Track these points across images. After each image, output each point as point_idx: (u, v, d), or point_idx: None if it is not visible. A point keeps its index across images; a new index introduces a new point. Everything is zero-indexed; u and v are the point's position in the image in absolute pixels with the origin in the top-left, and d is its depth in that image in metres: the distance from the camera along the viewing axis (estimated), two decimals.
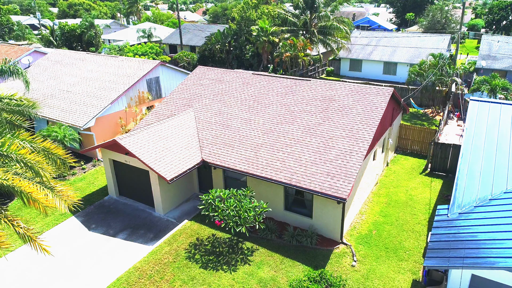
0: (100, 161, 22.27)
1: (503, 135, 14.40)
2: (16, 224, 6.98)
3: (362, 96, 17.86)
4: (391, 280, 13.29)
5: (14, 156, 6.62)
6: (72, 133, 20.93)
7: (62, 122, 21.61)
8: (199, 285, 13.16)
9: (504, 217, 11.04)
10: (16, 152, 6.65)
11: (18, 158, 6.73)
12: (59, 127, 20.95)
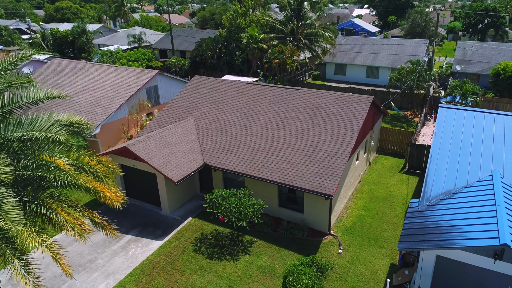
0: None
1: (466, 138, 16.70)
2: (93, 216, 8.75)
3: (346, 104, 20.02)
4: (372, 265, 15.45)
5: (86, 167, 8.37)
6: (79, 140, 22.52)
7: None
8: (206, 273, 15.07)
9: (463, 207, 13.27)
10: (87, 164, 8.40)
11: (88, 169, 8.50)
12: None
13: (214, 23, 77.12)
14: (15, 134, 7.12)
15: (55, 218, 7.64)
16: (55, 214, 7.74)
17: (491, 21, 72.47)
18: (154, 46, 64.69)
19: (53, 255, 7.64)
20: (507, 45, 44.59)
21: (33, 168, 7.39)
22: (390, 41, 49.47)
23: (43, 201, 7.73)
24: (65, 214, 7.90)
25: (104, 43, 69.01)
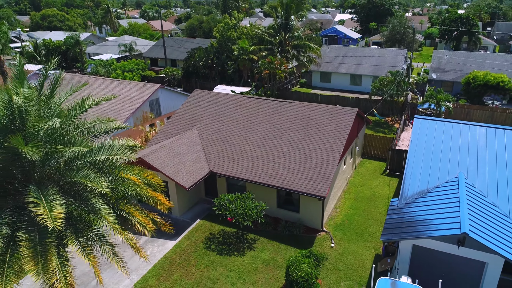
0: None
1: (437, 145, 19.48)
2: (155, 217, 10.86)
3: (334, 115, 22.65)
4: (359, 255, 18.02)
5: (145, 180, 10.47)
6: None
7: None
8: (218, 266, 17.37)
9: (433, 204, 15.96)
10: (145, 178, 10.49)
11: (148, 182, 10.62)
12: None
13: (202, 31, 79.23)
14: (101, 157, 9.19)
15: (132, 219, 9.81)
16: (132, 216, 9.90)
17: (465, 29, 76.78)
18: (145, 55, 66.39)
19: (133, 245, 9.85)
20: (477, 54, 48.33)
21: (117, 183, 9.49)
22: (372, 50, 52.66)
23: (123, 207, 9.88)
24: (139, 216, 10.07)
25: (95, 52, 70.31)
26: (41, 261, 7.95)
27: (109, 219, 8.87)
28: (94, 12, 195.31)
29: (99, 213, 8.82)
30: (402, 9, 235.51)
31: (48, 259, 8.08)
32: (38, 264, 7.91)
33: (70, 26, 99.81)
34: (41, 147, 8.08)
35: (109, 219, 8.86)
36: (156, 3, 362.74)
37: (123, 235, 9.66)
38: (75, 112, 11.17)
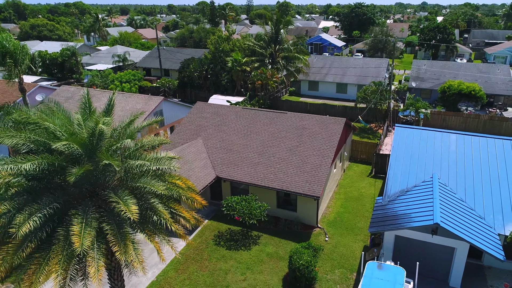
0: None
1: (415, 150, 22.45)
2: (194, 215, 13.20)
3: (325, 125, 25.48)
4: (350, 247, 20.78)
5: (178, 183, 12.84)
6: None
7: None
8: (228, 259, 19.86)
9: (412, 200, 18.84)
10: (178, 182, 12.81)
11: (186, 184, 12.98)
12: None
13: (192, 41, 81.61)
14: (154, 167, 11.54)
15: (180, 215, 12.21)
16: (179, 213, 12.29)
17: (442, 38, 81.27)
18: (139, 65, 68.42)
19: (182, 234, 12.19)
20: (453, 64, 52.18)
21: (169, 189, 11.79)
22: (356, 60, 56.01)
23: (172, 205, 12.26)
24: (186, 213, 12.47)
25: (88, 62, 71.89)
26: (122, 245, 10.29)
27: (166, 215, 11.29)
28: (80, 19, 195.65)
29: (157, 209, 11.20)
30: (383, 16, 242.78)
31: (127, 244, 10.44)
32: (121, 247, 10.24)
33: (60, 36, 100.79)
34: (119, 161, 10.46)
35: (166, 215, 11.28)
36: (141, 9, 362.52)
37: (175, 227, 12.09)
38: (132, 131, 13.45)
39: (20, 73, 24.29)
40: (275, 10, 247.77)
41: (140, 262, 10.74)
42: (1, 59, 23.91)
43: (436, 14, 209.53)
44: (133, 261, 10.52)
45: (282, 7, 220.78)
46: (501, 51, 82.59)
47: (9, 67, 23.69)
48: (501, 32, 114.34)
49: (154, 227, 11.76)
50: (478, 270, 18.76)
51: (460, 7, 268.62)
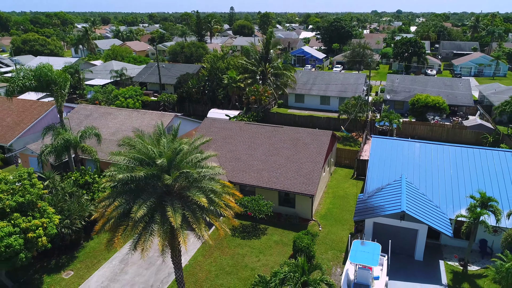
0: None
1: (387, 156, 28.15)
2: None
3: (315, 136, 30.99)
4: (339, 234, 26.20)
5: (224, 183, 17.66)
6: None
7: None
8: (243, 246, 24.93)
9: (386, 195, 24.43)
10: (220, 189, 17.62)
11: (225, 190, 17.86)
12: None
13: (184, 55, 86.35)
14: (205, 174, 16.43)
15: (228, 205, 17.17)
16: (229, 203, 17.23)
17: (413, 51, 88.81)
18: (135, 79, 72.73)
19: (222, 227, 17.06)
20: (422, 78, 59.00)
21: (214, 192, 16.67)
22: (337, 75, 62.20)
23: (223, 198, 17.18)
24: (232, 204, 17.42)
25: (85, 77, 75.53)
26: (197, 224, 15.30)
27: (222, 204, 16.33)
28: (64, 31, 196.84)
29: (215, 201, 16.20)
30: (360, 25, 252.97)
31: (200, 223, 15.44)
32: (197, 225, 15.23)
33: (51, 50, 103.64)
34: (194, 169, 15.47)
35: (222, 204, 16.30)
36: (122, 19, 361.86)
37: (226, 213, 17.11)
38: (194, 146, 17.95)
39: (64, 97, 28.74)
40: (257, 19, 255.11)
41: (208, 235, 15.81)
42: (46, 87, 28.32)
43: (409, 24, 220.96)
44: (204, 235, 15.58)
45: (264, 17, 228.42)
46: (466, 63, 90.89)
47: (55, 92, 28.10)
48: (468, 44, 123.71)
49: (212, 213, 16.71)
50: (436, 248, 24.48)
51: (431, 17, 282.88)
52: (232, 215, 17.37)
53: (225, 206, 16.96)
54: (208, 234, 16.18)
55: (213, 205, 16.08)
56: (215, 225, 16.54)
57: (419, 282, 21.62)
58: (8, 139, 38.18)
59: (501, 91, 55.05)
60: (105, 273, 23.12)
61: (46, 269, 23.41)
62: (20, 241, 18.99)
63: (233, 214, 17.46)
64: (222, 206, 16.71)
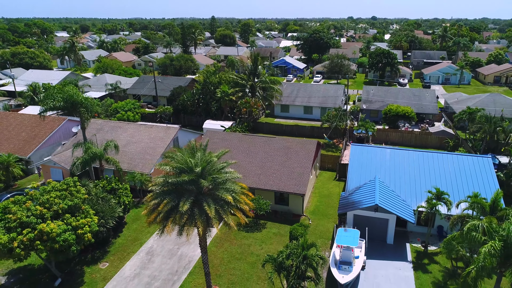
0: None
1: (364, 160, 33.95)
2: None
3: (303, 145, 36.55)
4: (325, 226, 31.75)
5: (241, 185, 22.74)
6: (143, 176, 35.94)
7: (135, 171, 36.44)
8: (248, 238, 30.10)
9: (363, 192, 30.13)
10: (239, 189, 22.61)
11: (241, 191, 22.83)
12: (134, 173, 35.80)
13: (173, 68, 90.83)
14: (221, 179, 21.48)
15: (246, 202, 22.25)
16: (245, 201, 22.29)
17: (387, 61, 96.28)
18: (129, 92, 76.78)
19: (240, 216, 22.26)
20: (394, 89, 65.77)
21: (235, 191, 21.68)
22: (318, 87, 68.35)
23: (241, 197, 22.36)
24: (248, 201, 22.54)
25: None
26: (225, 215, 20.30)
27: (242, 201, 21.48)
28: (47, 41, 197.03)
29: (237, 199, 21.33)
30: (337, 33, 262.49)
31: (228, 214, 20.48)
32: (225, 216, 20.31)
33: (41, 63, 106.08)
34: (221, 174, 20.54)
35: (242, 201, 21.44)
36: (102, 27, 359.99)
37: (244, 207, 22.22)
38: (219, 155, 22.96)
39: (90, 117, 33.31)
40: (238, 28, 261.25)
41: (233, 223, 20.95)
42: (73, 108, 32.71)
43: (383, 33, 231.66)
44: (231, 223, 20.71)
45: (245, 26, 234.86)
46: (434, 72, 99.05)
47: (82, 113, 32.55)
48: (437, 53, 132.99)
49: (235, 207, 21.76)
50: (403, 234, 30.33)
51: (404, 26, 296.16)
52: (248, 210, 22.45)
53: (244, 203, 22.05)
54: (233, 223, 21.19)
55: (235, 201, 21.19)
56: (237, 215, 21.58)
57: (390, 260, 27.33)
58: (27, 152, 42.11)
59: (462, 100, 62.42)
60: (136, 263, 27.84)
61: (84, 262, 27.93)
62: (73, 237, 23.58)
63: (249, 209, 22.57)
64: (242, 202, 21.81)
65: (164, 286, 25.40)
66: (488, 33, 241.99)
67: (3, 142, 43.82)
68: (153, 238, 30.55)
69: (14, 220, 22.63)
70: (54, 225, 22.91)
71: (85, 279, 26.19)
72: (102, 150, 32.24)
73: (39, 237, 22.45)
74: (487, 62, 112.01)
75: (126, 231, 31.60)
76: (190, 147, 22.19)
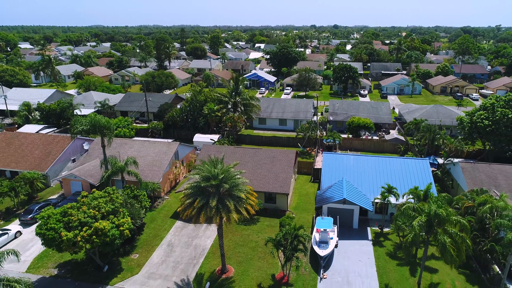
0: (165, 198, 44.83)
1: (334, 165, 43.02)
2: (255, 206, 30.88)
3: (285, 154, 45.23)
4: (306, 218, 40.45)
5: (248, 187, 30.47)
6: (154, 185, 43.12)
7: (146, 180, 43.54)
8: (246, 230, 38.19)
9: (334, 190, 39.05)
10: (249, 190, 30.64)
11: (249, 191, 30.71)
12: (146, 183, 42.90)
13: (155, 84, 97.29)
14: (235, 183, 29.16)
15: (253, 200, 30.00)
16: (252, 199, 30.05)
17: (349, 75, 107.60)
18: (117, 108, 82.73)
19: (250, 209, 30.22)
20: (356, 102, 76.15)
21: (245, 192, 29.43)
22: (291, 101, 77.70)
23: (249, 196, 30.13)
24: (255, 199, 30.34)
25: None
26: (241, 208, 28.31)
27: (251, 199, 29.43)
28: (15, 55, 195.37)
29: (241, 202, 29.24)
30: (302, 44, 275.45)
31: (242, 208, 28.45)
32: (240, 209, 28.30)
33: (21, 80, 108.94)
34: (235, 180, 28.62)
35: (251, 199, 29.40)
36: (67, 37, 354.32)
37: (252, 203, 30.18)
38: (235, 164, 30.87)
39: (112, 136, 40.23)
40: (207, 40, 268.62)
41: (246, 215, 29.01)
42: (96, 130, 39.40)
43: (345, 44, 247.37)
44: (245, 214, 28.78)
45: (214, 38, 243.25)
46: (390, 84, 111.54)
47: (107, 135, 39.37)
48: (393, 65, 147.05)
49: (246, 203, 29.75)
50: (365, 220, 39.53)
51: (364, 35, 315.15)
52: (254, 205, 30.57)
53: (251, 200, 30.20)
54: (246, 215, 29.24)
55: (246, 199, 29.33)
56: (247, 208, 29.64)
57: (356, 240, 36.31)
58: (44, 168, 48.01)
59: (412, 111, 73.78)
60: (160, 253, 35.17)
61: (119, 254, 34.92)
62: (117, 232, 30.73)
63: (255, 204, 30.69)
64: (251, 199, 29.98)
65: (188, 267, 33.01)
66: (438, 44, 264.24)
67: (19, 160, 49.43)
68: (170, 234, 37.97)
69: (75, 220, 29.58)
70: (105, 223, 30.04)
71: (123, 266, 33.29)
72: (124, 165, 39.26)
73: (95, 233, 29.50)
74: (435, 74, 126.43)
75: (146, 230, 38.79)
76: (212, 160, 30.11)
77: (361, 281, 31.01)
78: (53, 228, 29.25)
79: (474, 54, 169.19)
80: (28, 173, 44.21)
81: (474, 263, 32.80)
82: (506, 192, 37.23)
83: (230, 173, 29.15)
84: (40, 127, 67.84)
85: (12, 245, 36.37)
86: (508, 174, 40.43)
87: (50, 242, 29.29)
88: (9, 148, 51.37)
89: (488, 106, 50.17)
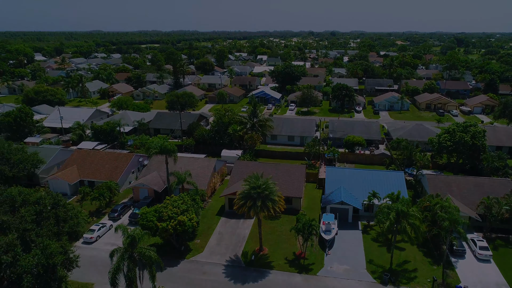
0: (209, 201, 60.33)
1: (336, 177, 58.51)
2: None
3: (298, 168, 60.89)
4: (315, 215, 55.92)
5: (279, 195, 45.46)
6: (202, 191, 58.42)
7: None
8: (273, 223, 53.65)
9: (334, 195, 54.54)
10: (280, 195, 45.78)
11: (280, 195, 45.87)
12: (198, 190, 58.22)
13: (179, 103, 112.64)
14: (272, 190, 44.30)
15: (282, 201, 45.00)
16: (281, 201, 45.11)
17: (345, 93, 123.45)
18: (151, 126, 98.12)
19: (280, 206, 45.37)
20: (351, 121, 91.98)
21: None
22: (298, 120, 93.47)
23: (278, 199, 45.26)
24: (283, 202, 45.57)
25: None
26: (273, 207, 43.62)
27: (281, 201, 44.64)
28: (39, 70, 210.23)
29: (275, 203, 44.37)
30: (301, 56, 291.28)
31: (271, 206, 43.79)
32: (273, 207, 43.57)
33: (60, 99, 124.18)
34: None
35: (281, 201, 44.58)
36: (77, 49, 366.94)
37: (280, 204, 45.37)
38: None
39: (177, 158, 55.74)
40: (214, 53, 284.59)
41: (278, 211, 44.35)
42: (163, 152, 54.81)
43: (342, 58, 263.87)
44: (277, 210, 44.12)
45: (220, 52, 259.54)
46: (382, 101, 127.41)
47: (170, 155, 54.89)
48: (386, 81, 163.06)
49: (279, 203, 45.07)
50: (357, 217, 55.10)
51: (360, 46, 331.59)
52: (282, 206, 45.97)
53: (280, 203, 45.61)
54: (274, 213, 44.73)
55: (278, 201, 44.77)
56: (279, 207, 45.04)
57: (350, 230, 51.85)
58: (115, 178, 63.29)
59: (398, 129, 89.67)
60: (215, 239, 50.57)
61: (187, 239, 50.21)
62: (190, 224, 46.06)
63: (283, 205, 46.08)
64: (281, 202, 45.44)
65: (235, 248, 48.46)
66: (430, 56, 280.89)
67: (95, 172, 64.82)
68: (218, 226, 53.38)
69: (165, 215, 45.00)
70: (183, 217, 45.44)
71: (191, 247, 48.71)
72: (185, 176, 54.67)
73: (179, 223, 44.88)
74: (423, 90, 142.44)
75: (201, 223, 54.18)
76: (255, 175, 45.57)
77: (353, 257, 46.51)
78: (152, 220, 44.70)
79: (461, 69, 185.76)
80: (108, 182, 59.59)
81: (430, 244, 48.43)
82: (456, 196, 52.94)
83: (268, 184, 44.69)
84: (95, 144, 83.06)
85: (108, 234, 51.67)
86: (460, 183, 56.14)
87: (149, 229, 44.66)
88: (84, 163, 66.74)
89: (450, 130, 65.95)
